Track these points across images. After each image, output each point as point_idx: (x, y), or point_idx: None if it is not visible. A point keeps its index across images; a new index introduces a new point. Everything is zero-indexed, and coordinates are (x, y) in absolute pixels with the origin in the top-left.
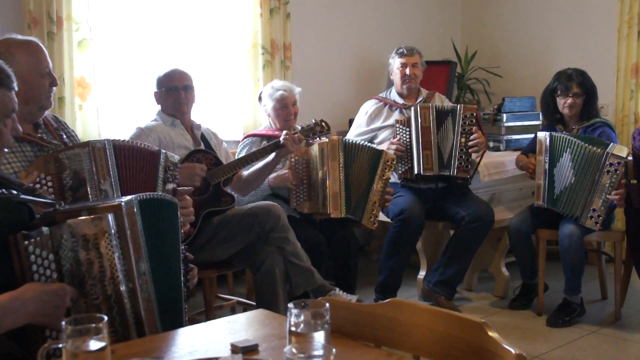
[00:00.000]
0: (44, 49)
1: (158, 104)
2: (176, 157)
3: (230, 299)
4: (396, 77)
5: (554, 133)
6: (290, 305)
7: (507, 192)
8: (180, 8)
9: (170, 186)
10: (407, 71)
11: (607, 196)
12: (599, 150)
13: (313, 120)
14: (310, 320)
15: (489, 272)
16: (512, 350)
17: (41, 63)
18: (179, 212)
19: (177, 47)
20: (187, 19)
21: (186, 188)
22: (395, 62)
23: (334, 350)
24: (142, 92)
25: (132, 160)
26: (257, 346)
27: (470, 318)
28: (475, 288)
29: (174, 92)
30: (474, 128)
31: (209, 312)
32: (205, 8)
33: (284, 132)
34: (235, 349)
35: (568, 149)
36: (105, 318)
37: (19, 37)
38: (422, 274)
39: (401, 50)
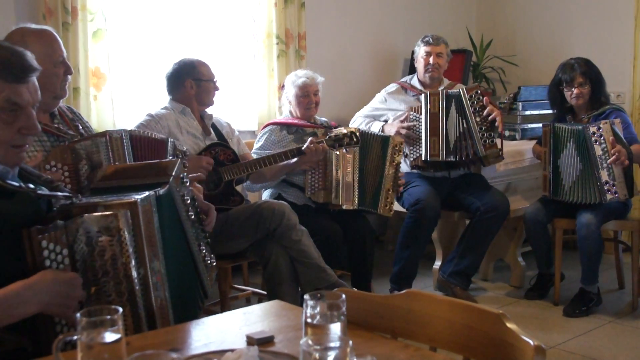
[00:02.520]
0: (58, 37)
1: (183, 92)
2: (184, 146)
3: (246, 290)
4: (420, 65)
5: (556, 124)
6: (306, 296)
7: (523, 182)
8: None
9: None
10: (431, 60)
11: (607, 163)
12: (580, 128)
13: (343, 130)
14: (326, 311)
15: (504, 261)
16: (531, 342)
17: (55, 52)
18: (179, 202)
19: (192, 37)
20: (201, 9)
21: (195, 175)
22: (421, 50)
23: (350, 342)
24: (156, 82)
25: (146, 150)
26: (272, 338)
27: (487, 309)
28: (491, 278)
29: (207, 84)
30: (485, 99)
31: (224, 303)
32: None
33: (309, 139)
34: (250, 341)
35: (571, 139)
36: (120, 310)
37: (33, 26)
38: (437, 264)
39: (427, 38)
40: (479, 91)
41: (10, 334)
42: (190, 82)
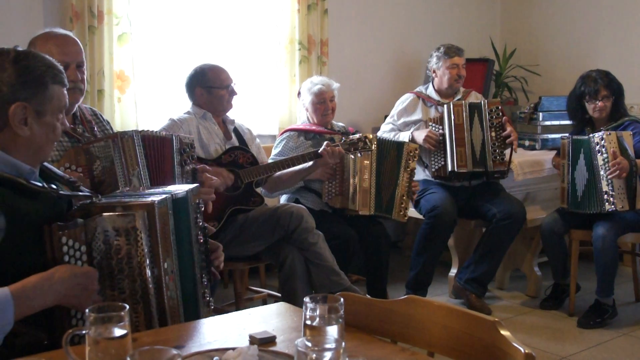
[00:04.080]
0: (66, 41)
1: (196, 100)
2: (191, 137)
3: (261, 292)
4: (445, 77)
5: (574, 136)
6: (306, 299)
7: (541, 192)
8: (218, 3)
9: (188, 167)
10: (461, 73)
11: (603, 174)
12: (587, 137)
13: (357, 135)
14: (325, 314)
15: (521, 271)
16: (522, 350)
17: (53, 56)
18: (189, 203)
19: (215, 42)
20: (225, 14)
21: (207, 167)
22: (445, 62)
23: (343, 344)
24: (179, 85)
25: (156, 149)
26: (274, 338)
27: (483, 316)
28: (507, 287)
29: (228, 89)
30: (504, 118)
31: (239, 304)
32: (243, 3)
33: (325, 142)
34: (253, 340)
35: (582, 149)
36: (127, 307)
37: (41, 31)
38: (453, 271)
39: (452, 50)
40: (499, 107)
41: (28, 327)
42: (200, 90)
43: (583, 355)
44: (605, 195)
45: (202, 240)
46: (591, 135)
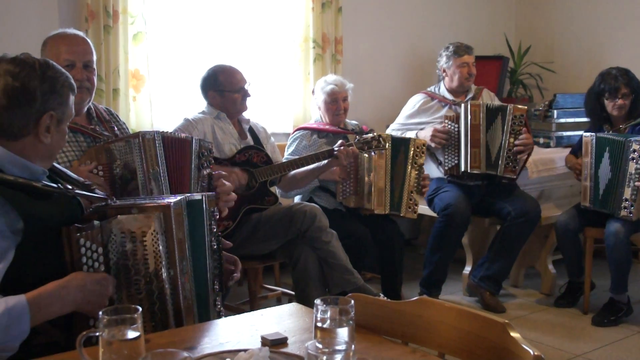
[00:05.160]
0: (75, 40)
1: (215, 102)
2: (210, 142)
3: (276, 290)
4: (455, 76)
5: (599, 134)
6: (317, 301)
7: (556, 189)
8: (233, 2)
9: (205, 172)
10: (471, 71)
11: (636, 183)
12: (623, 139)
13: (371, 134)
14: (335, 316)
15: (535, 269)
16: (531, 352)
17: (60, 55)
18: (205, 207)
19: (229, 40)
20: (239, 13)
21: (223, 173)
22: (456, 61)
23: (352, 346)
24: (194, 84)
25: (176, 151)
26: (286, 339)
27: (493, 318)
28: (522, 285)
29: (241, 91)
30: (523, 129)
31: (253, 303)
32: (258, 2)
33: (340, 141)
34: (265, 342)
35: (607, 147)
36: (140, 309)
37: (53, 32)
38: (467, 269)
39: (462, 48)
40: (524, 115)
41: (46, 327)
42: (212, 93)
43: (597, 353)
44: (625, 203)
45: (215, 247)
46: (628, 139)
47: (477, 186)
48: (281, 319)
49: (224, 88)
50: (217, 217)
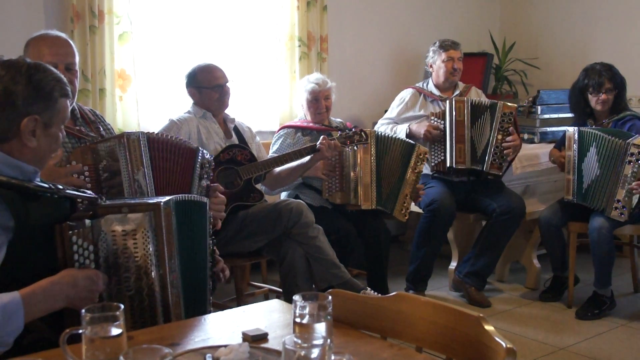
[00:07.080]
0: (57, 42)
1: (195, 100)
2: (210, 155)
3: (263, 287)
4: (440, 70)
5: (581, 128)
6: (296, 297)
7: (540, 185)
8: (219, 1)
9: (204, 183)
10: (456, 65)
11: (631, 186)
12: (621, 141)
13: (353, 129)
14: (314, 312)
15: (520, 263)
16: (504, 344)
17: (43, 57)
18: (207, 210)
19: (215, 39)
20: (224, 12)
21: (220, 186)
22: (441, 56)
23: (328, 341)
24: (180, 84)
25: (168, 154)
26: (266, 335)
27: (468, 312)
28: (507, 279)
29: (219, 89)
30: (511, 128)
31: (240, 300)
32: (243, 1)
33: (322, 136)
34: (245, 338)
35: (594, 143)
36: (122, 307)
37: (36, 33)
38: (453, 264)
39: (447, 43)
40: (513, 112)
41: (41, 323)
42: (192, 90)
43: (581, 346)
44: (618, 204)
45: (211, 249)
46: (627, 141)
47: (462, 182)
48: (263, 315)
49: (201, 85)
50: (211, 219)
